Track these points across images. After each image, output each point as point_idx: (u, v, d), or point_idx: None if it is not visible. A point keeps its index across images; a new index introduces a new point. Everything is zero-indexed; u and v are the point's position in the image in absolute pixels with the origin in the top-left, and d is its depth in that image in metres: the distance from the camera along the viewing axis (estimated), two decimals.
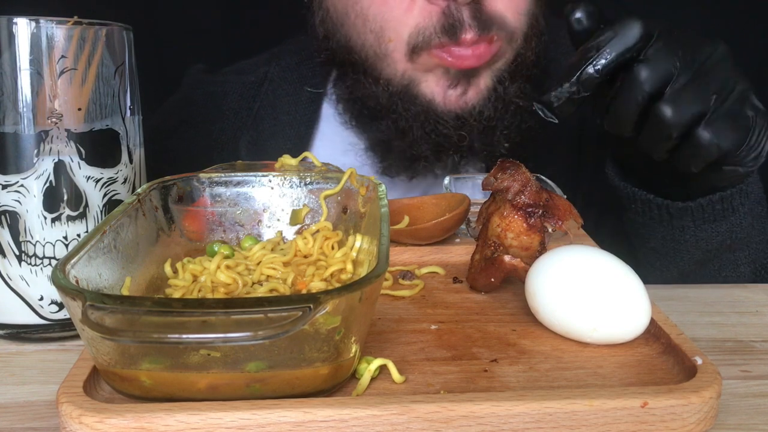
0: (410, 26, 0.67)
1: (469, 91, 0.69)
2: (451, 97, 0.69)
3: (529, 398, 0.35)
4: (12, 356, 0.46)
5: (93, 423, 0.33)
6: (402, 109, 0.70)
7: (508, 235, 0.48)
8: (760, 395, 0.41)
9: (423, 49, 0.67)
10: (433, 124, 0.69)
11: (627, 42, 0.51)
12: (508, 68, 0.70)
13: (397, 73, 0.69)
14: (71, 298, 0.33)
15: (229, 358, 0.34)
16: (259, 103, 0.84)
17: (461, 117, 0.69)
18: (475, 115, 0.69)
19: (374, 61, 0.70)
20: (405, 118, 0.70)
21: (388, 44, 0.68)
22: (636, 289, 0.42)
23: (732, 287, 0.59)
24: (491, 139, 0.71)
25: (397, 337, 0.43)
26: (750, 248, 0.65)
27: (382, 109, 0.71)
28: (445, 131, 0.69)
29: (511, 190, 0.48)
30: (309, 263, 0.49)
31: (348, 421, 0.34)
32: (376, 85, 0.71)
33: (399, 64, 0.69)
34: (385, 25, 0.68)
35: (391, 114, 0.71)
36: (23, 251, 0.47)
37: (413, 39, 0.67)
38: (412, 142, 0.71)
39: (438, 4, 0.66)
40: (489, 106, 0.70)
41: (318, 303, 0.32)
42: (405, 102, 0.69)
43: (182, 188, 0.51)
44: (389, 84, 0.70)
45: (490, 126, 0.70)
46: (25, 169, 0.46)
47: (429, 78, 0.69)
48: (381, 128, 0.72)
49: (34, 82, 0.45)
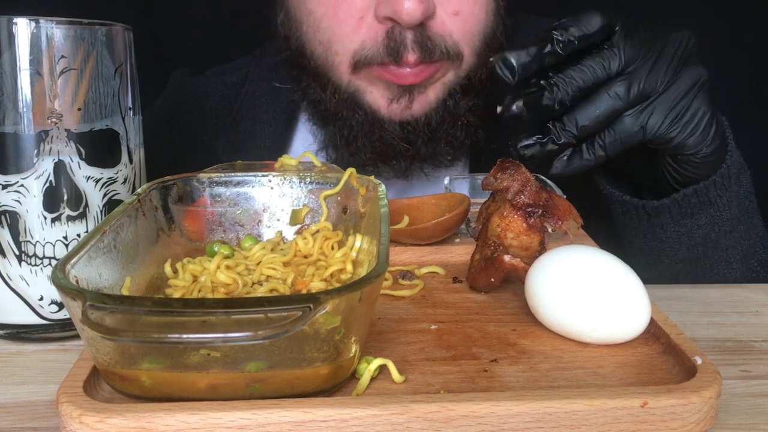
0: (356, 42, 0.68)
1: (415, 104, 0.70)
2: (395, 110, 0.70)
3: (529, 398, 0.35)
4: (12, 356, 0.46)
5: (93, 423, 0.33)
6: (347, 116, 0.71)
7: (507, 235, 0.48)
8: (760, 395, 0.41)
9: (365, 65, 0.68)
10: (378, 133, 0.71)
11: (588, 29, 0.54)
12: (459, 83, 0.71)
13: (342, 83, 0.71)
14: (71, 298, 0.33)
15: (229, 358, 0.34)
16: (239, 104, 0.85)
17: (405, 127, 0.71)
18: (422, 125, 0.71)
19: (323, 70, 0.72)
20: (350, 126, 0.71)
21: (335, 57, 0.70)
22: (636, 289, 0.42)
23: (732, 287, 0.59)
24: (435, 148, 0.72)
25: (397, 337, 0.43)
26: (741, 245, 0.65)
27: (330, 115, 0.73)
28: (390, 140, 0.71)
29: (510, 190, 0.48)
30: (309, 263, 0.49)
31: (348, 420, 0.34)
32: (324, 91, 0.72)
33: (344, 76, 0.70)
34: (334, 39, 0.69)
35: (338, 121, 0.72)
36: (23, 251, 0.47)
37: (357, 54, 0.68)
38: (357, 149, 0.72)
39: (385, 24, 0.67)
40: (436, 118, 0.71)
41: (318, 303, 0.32)
42: (350, 110, 0.71)
43: (182, 188, 0.51)
44: (336, 92, 0.71)
45: (435, 137, 0.71)
46: (25, 169, 0.46)
47: (373, 90, 0.70)
48: (329, 132, 0.74)
49: (34, 82, 0.45)
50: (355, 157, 0.73)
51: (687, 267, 0.65)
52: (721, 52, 1.06)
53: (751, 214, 0.66)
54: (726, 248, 0.64)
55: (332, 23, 0.69)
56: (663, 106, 0.55)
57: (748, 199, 0.65)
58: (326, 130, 0.75)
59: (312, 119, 0.78)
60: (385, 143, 0.71)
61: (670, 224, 0.61)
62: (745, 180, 0.64)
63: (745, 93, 1.11)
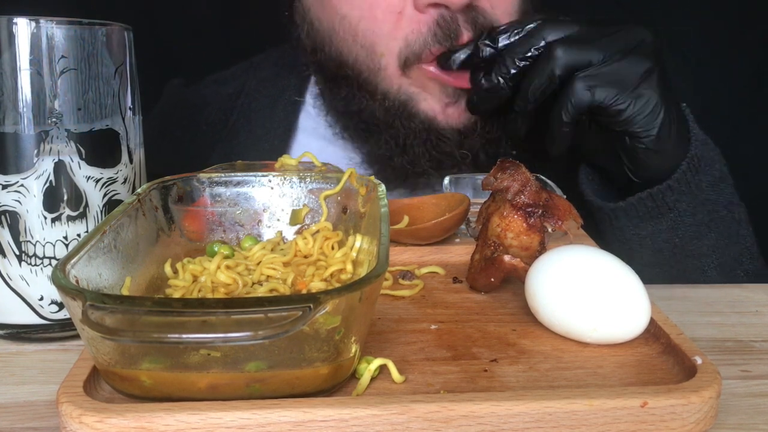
0: (399, 40, 0.66)
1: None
2: (453, 115, 0.68)
3: (529, 398, 0.35)
4: (12, 356, 0.46)
5: (93, 423, 0.33)
6: (401, 125, 0.68)
7: (507, 235, 0.48)
8: (759, 395, 0.41)
9: (414, 62, 0.66)
10: (435, 141, 0.68)
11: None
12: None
13: (392, 88, 0.68)
14: (71, 298, 0.33)
15: (229, 358, 0.34)
16: (236, 116, 0.83)
17: (463, 132, 0.69)
18: (479, 130, 0.68)
19: (368, 76, 0.69)
20: (404, 135, 0.69)
21: (380, 59, 0.67)
22: (636, 289, 0.42)
23: (732, 287, 0.59)
24: (497, 150, 0.70)
25: (397, 337, 0.43)
26: (716, 253, 0.65)
27: (380, 124, 0.70)
28: (447, 149, 0.68)
29: (510, 190, 0.48)
30: (309, 263, 0.49)
31: (348, 420, 0.34)
32: (372, 99, 0.69)
33: (394, 79, 0.68)
34: (376, 40, 0.67)
35: (390, 129, 0.69)
36: (23, 251, 0.47)
37: (404, 52, 0.66)
38: (413, 158, 0.69)
39: (429, 13, 0.65)
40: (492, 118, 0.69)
41: (318, 303, 0.32)
42: (404, 118, 0.68)
43: (182, 188, 0.51)
44: (386, 98, 0.68)
45: (494, 137, 0.69)
46: (25, 169, 0.46)
47: (428, 97, 0.68)
48: (379, 143, 0.71)
49: (34, 82, 0.45)
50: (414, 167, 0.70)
51: (658, 272, 0.64)
52: (722, 52, 1.06)
53: (728, 223, 0.65)
54: (698, 256, 0.64)
55: (371, 24, 0.66)
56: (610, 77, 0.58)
57: (726, 209, 0.64)
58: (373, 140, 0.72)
59: (348, 131, 0.74)
60: (442, 152, 0.69)
61: (629, 227, 0.61)
62: (721, 189, 0.64)
63: (746, 93, 1.11)
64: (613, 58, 0.59)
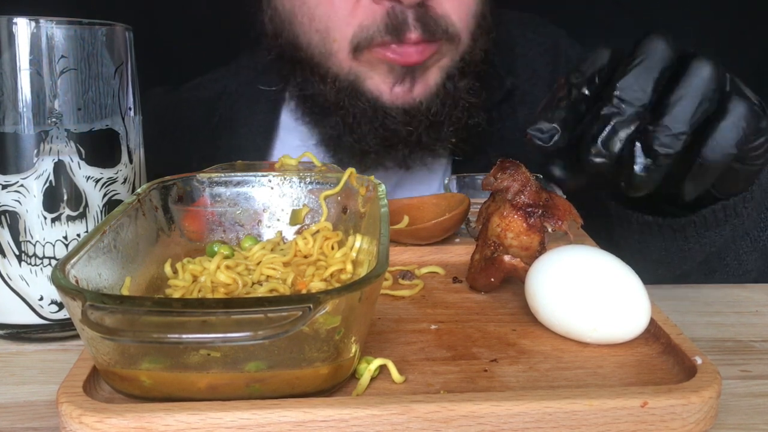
0: (353, 26, 0.68)
1: (416, 87, 0.71)
2: (398, 93, 0.70)
3: (529, 398, 0.35)
4: (12, 356, 0.46)
5: (93, 423, 0.33)
6: (349, 105, 0.71)
7: (507, 235, 0.48)
8: (759, 395, 0.41)
9: (365, 47, 0.68)
10: (381, 120, 0.71)
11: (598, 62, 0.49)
12: (456, 65, 0.72)
13: (342, 71, 0.71)
14: (71, 298, 0.33)
15: (229, 358, 0.34)
16: (217, 118, 0.85)
17: (409, 112, 0.71)
18: (423, 110, 0.71)
19: (320, 60, 0.71)
20: (353, 114, 0.71)
21: (333, 44, 0.70)
22: (636, 289, 0.42)
23: (732, 287, 0.59)
24: (438, 133, 0.73)
25: (397, 337, 0.43)
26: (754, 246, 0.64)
27: (331, 106, 0.73)
28: (393, 126, 0.71)
29: (510, 190, 0.48)
30: (309, 263, 0.49)
31: (348, 421, 0.34)
32: (323, 83, 0.72)
33: (344, 63, 0.70)
34: (331, 25, 0.69)
35: (339, 110, 0.72)
36: (23, 251, 0.47)
37: (357, 37, 0.68)
38: (361, 137, 0.72)
39: (383, 5, 0.67)
40: (437, 102, 0.71)
41: (318, 303, 0.32)
42: (352, 98, 0.71)
43: (182, 188, 0.51)
44: (336, 81, 0.71)
45: (437, 121, 0.72)
46: (25, 169, 0.46)
47: (374, 75, 0.70)
48: (330, 124, 0.74)
49: (34, 82, 0.45)
50: (361, 145, 0.73)
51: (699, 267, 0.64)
52: (722, 52, 1.05)
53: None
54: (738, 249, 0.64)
55: (327, 9, 0.69)
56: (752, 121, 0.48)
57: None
58: (326, 122, 0.75)
59: (307, 115, 0.78)
60: (388, 129, 0.71)
61: (693, 236, 0.59)
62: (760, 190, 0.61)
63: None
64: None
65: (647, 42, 0.48)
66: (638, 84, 0.47)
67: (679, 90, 0.46)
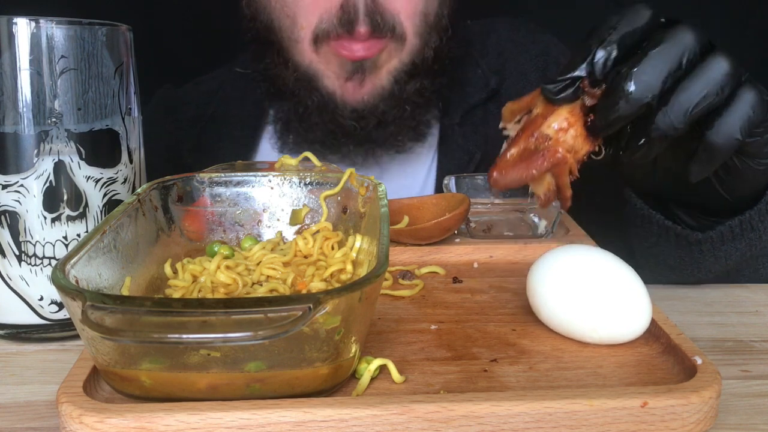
0: (316, 16, 0.72)
1: (366, 84, 0.74)
2: (348, 89, 0.74)
3: (529, 398, 0.35)
4: (12, 356, 0.46)
5: (93, 423, 0.33)
6: (304, 95, 0.75)
7: (570, 132, 0.48)
8: (759, 395, 0.41)
9: (324, 40, 0.72)
10: (331, 114, 0.75)
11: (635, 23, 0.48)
12: (404, 68, 0.75)
13: (304, 61, 0.74)
14: (71, 298, 0.33)
15: (229, 358, 0.34)
16: (212, 109, 0.89)
17: (357, 110, 0.75)
18: (370, 108, 0.75)
19: (288, 45, 0.75)
20: (305, 105, 0.75)
21: (300, 32, 0.73)
22: (636, 289, 0.42)
23: (732, 287, 0.59)
24: (385, 132, 0.76)
25: (397, 337, 0.43)
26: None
27: (287, 91, 0.76)
28: (342, 121, 0.75)
29: (587, 99, 0.48)
30: (309, 263, 0.49)
31: (348, 421, 0.34)
32: (285, 67, 0.76)
33: (306, 54, 0.74)
34: (299, 12, 0.73)
35: (293, 98, 0.76)
36: (23, 251, 0.47)
37: (317, 28, 0.72)
38: (309, 126, 0.76)
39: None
40: (383, 104, 0.75)
41: (318, 303, 0.32)
42: (307, 90, 0.75)
43: (182, 188, 0.51)
44: (296, 70, 0.75)
45: (384, 119, 0.75)
46: (25, 169, 0.46)
47: (330, 73, 0.74)
48: (283, 108, 0.79)
49: (34, 82, 0.45)
50: (308, 134, 0.77)
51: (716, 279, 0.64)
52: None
53: None
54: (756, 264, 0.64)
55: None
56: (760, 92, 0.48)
57: None
58: (280, 105, 0.79)
59: (268, 96, 0.82)
60: (336, 123, 0.75)
61: (710, 249, 0.59)
62: None
63: None
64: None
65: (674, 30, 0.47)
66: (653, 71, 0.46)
67: (688, 82, 0.46)
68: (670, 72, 0.46)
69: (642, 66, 0.46)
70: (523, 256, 0.57)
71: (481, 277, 0.54)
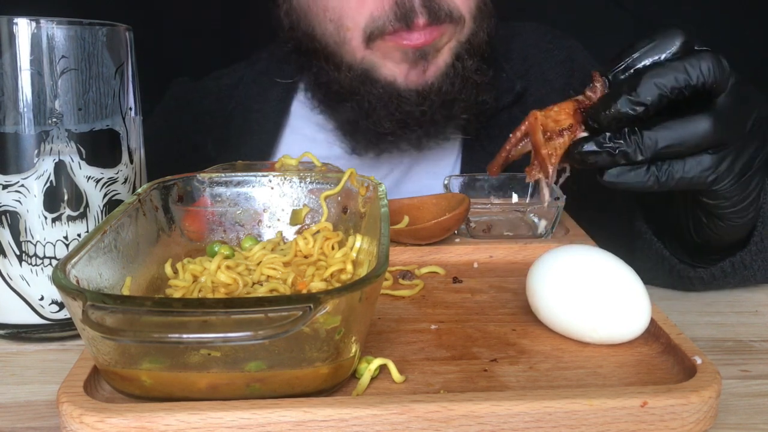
0: (365, 16, 0.71)
1: (429, 69, 0.73)
2: (412, 76, 0.73)
3: (529, 398, 0.35)
4: (12, 356, 0.46)
5: (93, 422, 0.33)
6: (364, 92, 0.74)
7: (555, 108, 0.50)
8: (759, 395, 0.41)
9: (378, 36, 0.71)
10: (396, 103, 0.74)
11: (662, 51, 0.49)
12: (463, 47, 0.75)
13: (356, 59, 0.74)
14: (72, 298, 0.33)
15: (229, 357, 0.34)
16: (233, 104, 0.89)
17: (421, 93, 0.74)
18: (435, 91, 0.74)
19: (334, 49, 0.74)
20: (368, 100, 0.74)
21: (346, 33, 0.73)
22: (636, 289, 0.42)
23: None
24: (450, 111, 0.76)
25: (397, 337, 0.43)
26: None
27: (345, 93, 0.75)
28: (408, 108, 0.74)
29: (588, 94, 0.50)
30: (309, 263, 0.49)
31: (348, 420, 0.34)
32: (338, 71, 0.75)
33: (357, 51, 0.73)
34: (343, 14, 0.72)
35: (355, 96, 0.75)
36: (24, 251, 0.47)
37: (369, 27, 0.71)
38: (377, 120, 0.75)
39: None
40: (447, 82, 0.74)
41: (318, 303, 0.32)
42: (366, 85, 0.74)
43: (182, 188, 0.51)
44: (350, 69, 0.74)
45: (449, 99, 0.75)
46: (25, 169, 0.46)
47: (388, 62, 0.73)
48: (346, 110, 0.77)
49: (34, 82, 0.45)
50: (377, 128, 0.75)
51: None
52: (722, 52, 1.06)
53: None
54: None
55: (340, 0, 0.72)
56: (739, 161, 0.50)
57: None
58: (341, 108, 0.77)
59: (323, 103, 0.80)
60: (403, 112, 0.74)
61: (701, 285, 0.60)
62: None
63: None
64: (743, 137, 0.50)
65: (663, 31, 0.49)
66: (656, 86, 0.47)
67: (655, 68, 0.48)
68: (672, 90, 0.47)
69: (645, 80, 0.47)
70: (523, 256, 0.57)
71: (481, 277, 0.54)
